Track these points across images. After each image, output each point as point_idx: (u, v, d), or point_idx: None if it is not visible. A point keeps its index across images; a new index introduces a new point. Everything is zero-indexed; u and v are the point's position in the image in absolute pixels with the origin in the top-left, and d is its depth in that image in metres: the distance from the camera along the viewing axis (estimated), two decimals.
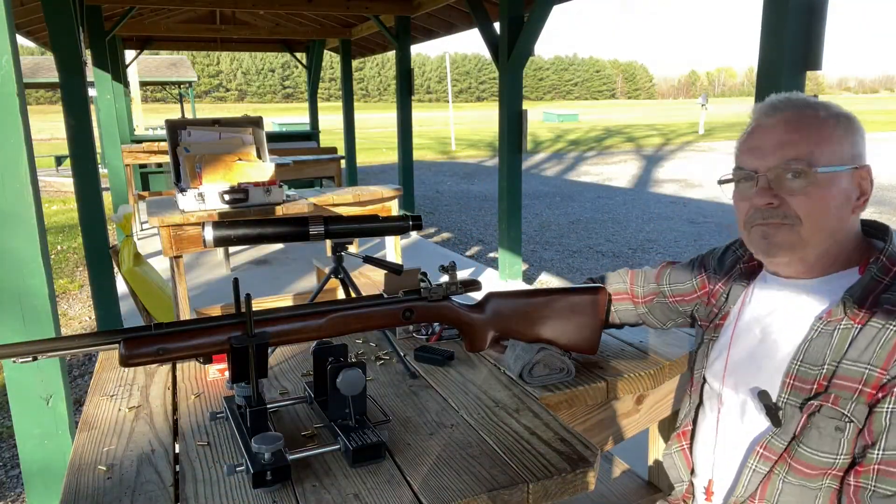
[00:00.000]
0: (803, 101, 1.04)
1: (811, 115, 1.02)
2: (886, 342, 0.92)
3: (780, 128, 1.02)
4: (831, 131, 1.00)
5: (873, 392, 0.92)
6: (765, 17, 2.50)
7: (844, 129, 1.01)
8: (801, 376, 0.99)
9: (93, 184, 3.93)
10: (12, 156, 1.56)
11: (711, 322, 1.23)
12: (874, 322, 0.94)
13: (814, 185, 0.99)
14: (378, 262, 1.31)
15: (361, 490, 0.92)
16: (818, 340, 0.99)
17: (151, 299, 2.93)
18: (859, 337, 0.95)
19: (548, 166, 16.44)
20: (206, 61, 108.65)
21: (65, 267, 6.58)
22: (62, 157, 14.35)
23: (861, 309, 0.96)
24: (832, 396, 0.95)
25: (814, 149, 0.99)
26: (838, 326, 0.97)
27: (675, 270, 1.34)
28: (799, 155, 0.99)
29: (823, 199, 0.99)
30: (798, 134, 1.00)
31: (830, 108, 1.03)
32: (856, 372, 0.94)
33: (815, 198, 0.99)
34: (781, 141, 1.01)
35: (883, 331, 0.93)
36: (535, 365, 1.25)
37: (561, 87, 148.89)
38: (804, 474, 0.98)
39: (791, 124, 1.01)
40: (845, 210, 1.01)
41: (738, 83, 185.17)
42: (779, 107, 1.04)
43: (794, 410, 0.99)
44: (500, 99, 5.10)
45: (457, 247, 7.44)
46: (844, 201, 1.00)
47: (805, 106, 1.03)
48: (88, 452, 1.04)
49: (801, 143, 1.00)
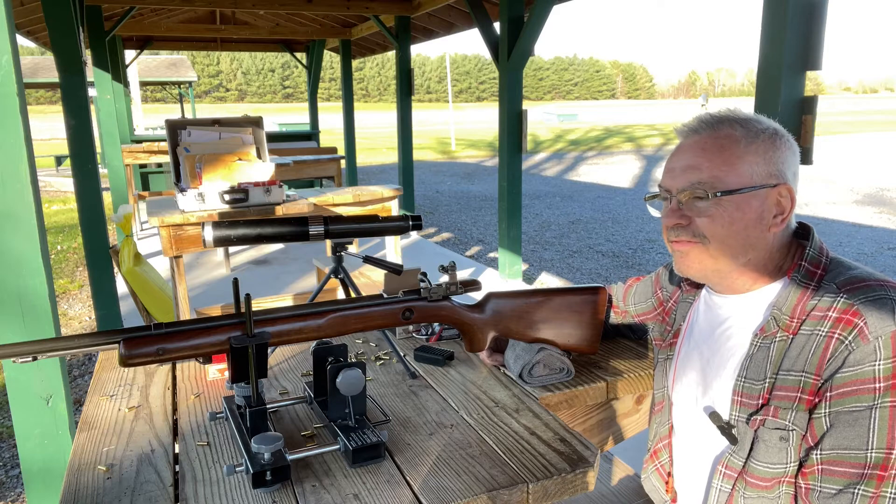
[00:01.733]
0: (727, 118, 1.03)
1: (725, 134, 1.01)
2: (817, 348, 0.93)
3: (692, 151, 1.03)
4: (743, 152, 1.00)
5: (811, 398, 0.94)
6: (765, 18, 2.50)
7: (764, 148, 1.00)
8: (746, 392, 1.01)
9: (93, 184, 3.93)
10: (12, 156, 1.56)
11: (665, 340, 1.24)
12: (804, 329, 0.95)
13: (718, 208, 1.00)
14: (378, 262, 1.31)
15: (361, 490, 0.92)
16: (758, 355, 1.00)
17: (151, 299, 2.93)
18: (792, 346, 0.96)
19: (548, 166, 16.44)
20: (206, 61, 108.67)
21: (65, 267, 6.58)
22: (62, 157, 14.36)
23: (792, 319, 0.97)
24: (772, 408, 0.97)
25: (718, 172, 0.99)
26: (774, 339, 0.99)
27: (638, 289, 1.38)
28: (702, 179, 1.00)
29: (729, 221, 0.99)
30: (706, 157, 1.01)
31: (754, 126, 1.02)
32: (793, 381, 0.95)
33: (719, 219, 1.00)
34: (690, 164, 1.02)
35: (813, 337, 0.94)
36: (534, 365, 1.25)
37: (561, 87, 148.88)
38: (760, 487, 0.99)
39: (701, 147, 1.02)
40: (757, 229, 1.00)
41: (738, 83, 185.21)
42: (696, 128, 1.04)
43: (745, 427, 1.01)
44: (500, 99, 5.10)
45: (457, 247, 7.44)
46: (755, 220, 1.00)
47: (724, 124, 1.02)
48: (88, 452, 1.04)
49: (707, 167, 1.00)
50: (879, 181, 12.11)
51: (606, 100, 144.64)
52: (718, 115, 1.05)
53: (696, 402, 1.11)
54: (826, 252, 1.02)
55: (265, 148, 3.53)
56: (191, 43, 10.99)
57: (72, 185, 4.14)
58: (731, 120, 1.03)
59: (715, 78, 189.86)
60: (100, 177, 4.04)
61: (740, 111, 1.06)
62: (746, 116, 1.04)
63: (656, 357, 1.27)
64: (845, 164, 14.77)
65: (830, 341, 0.92)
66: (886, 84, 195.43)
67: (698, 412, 1.10)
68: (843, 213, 8.90)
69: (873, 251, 6.76)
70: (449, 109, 26.19)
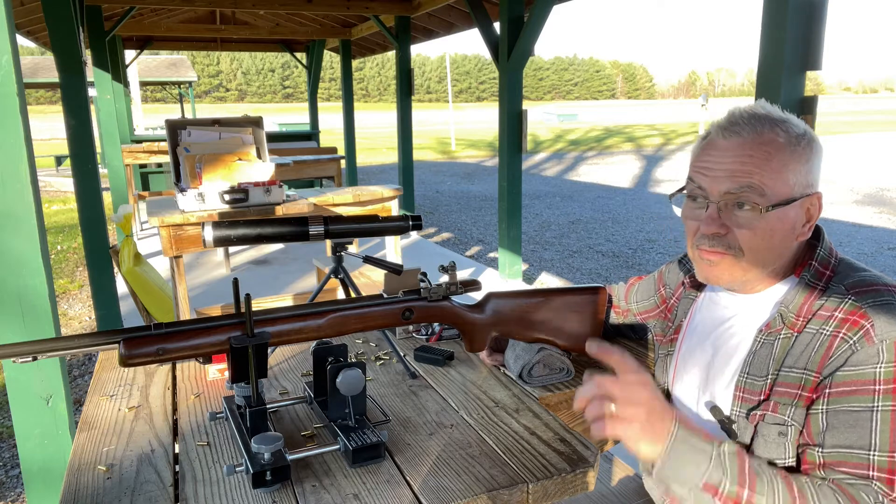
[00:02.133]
0: (766, 119, 0.97)
1: (769, 139, 0.95)
2: (820, 346, 0.93)
3: (736, 151, 0.95)
4: (789, 158, 0.95)
5: (810, 395, 0.93)
6: (765, 18, 2.50)
7: (804, 154, 0.96)
8: (748, 388, 1.00)
9: (93, 184, 3.93)
10: (12, 156, 1.56)
11: (666, 336, 1.24)
12: (809, 328, 0.95)
13: (762, 220, 0.95)
14: (378, 262, 1.31)
15: (361, 490, 0.92)
16: (761, 351, 1.00)
17: (151, 299, 2.93)
18: (796, 344, 0.96)
19: (548, 166, 16.44)
20: (206, 61, 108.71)
21: (65, 267, 6.58)
22: (62, 157, 14.36)
23: (798, 317, 0.97)
24: (772, 403, 0.96)
25: (768, 182, 0.94)
26: (779, 336, 0.98)
27: (640, 288, 1.38)
28: (752, 185, 0.94)
29: (769, 234, 0.96)
30: (754, 164, 0.94)
31: (793, 128, 0.97)
32: (794, 378, 0.95)
33: (760, 232, 0.95)
34: (736, 169, 0.95)
35: (817, 336, 0.94)
36: (534, 365, 1.25)
37: (561, 87, 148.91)
38: None
39: (747, 152, 0.95)
40: (789, 239, 0.98)
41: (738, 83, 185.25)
42: (737, 126, 0.97)
43: (745, 422, 1.00)
44: (500, 99, 5.10)
45: (457, 247, 7.44)
46: (790, 231, 0.97)
47: (766, 127, 0.96)
48: (88, 452, 1.04)
49: (756, 173, 0.94)
50: (879, 181, 12.12)
51: (606, 100, 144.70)
52: (757, 114, 0.98)
53: (697, 398, 1.11)
54: (835, 253, 1.02)
55: (265, 148, 3.53)
56: (191, 43, 10.99)
57: (72, 185, 4.14)
58: (771, 122, 0.96)
59: (715, 78, 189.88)
60: (100, 177, 4.04)
61: (775, 110, 0.99)
62: (782, 117, 0.98)
63: (657, 353, 1.27)
64: (845, 164, 14.78)
65: (835, 340, 0.91)
66: (886, 84, 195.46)
67: (699, 407, 1.10)
68: (843, 213, 8.90)
69: (873, 251, 6.76)
70: (449, 109, 26.19)
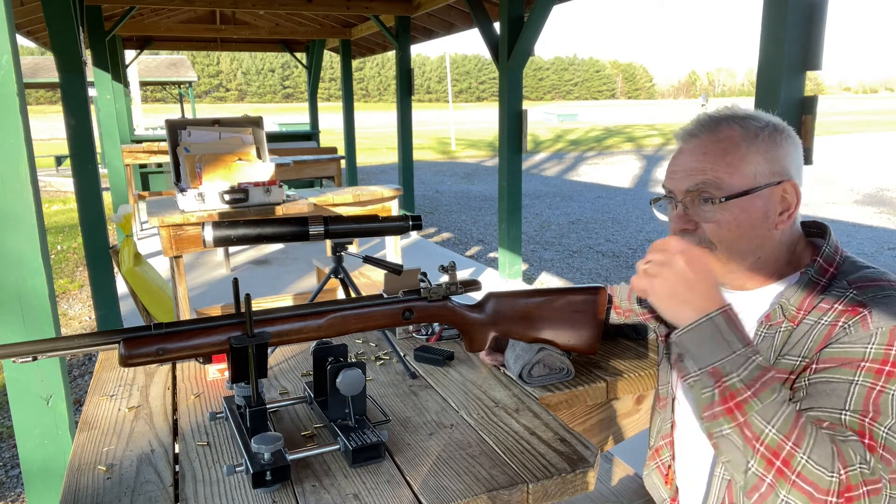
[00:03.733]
0: (725, 118, 1.02)
1: (726, 136, 1.00)
2: (818, 335, 0.94)
3: (693, 153, 1.02)
4: (745, 152, 0.99)
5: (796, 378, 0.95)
6: (765, 18, 2.50)
7: (765, 145, 0.99)
8: None
9: (93, 184, 3.93)
10: (12, 156, 1.56)
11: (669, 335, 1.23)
12: (808, 319, 0.96)
13: (724, 212, 0.99)
14: (378, 262, 1.31)
15: (361, 490, 0.92)
16: (762, 345, 1.01)
17: (151, 299, 2.93)
18: (794, 333, 0.97)
19: (548, 166, 16.44)
20: (206, 61, 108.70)
21: (65, 267, 6.58)
22: (62, 157, 14.36)
23: (799, 311, 0.97)
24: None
25: (722, 174, 0.98)
26: (779, 329, 0.99)
27: None
28: (706, 181, 0.99)
29: (735, 224, 0.99)
30: (708, 160, 1.00)
31: (754, 123, 1.01)
32: (787, 364, 0.96)
33: (725, 224, 0.99)
34: (692, 167, 1.01)
35: (815, 326, 0.95)
36: (534, 365, 1.25)
37: (561, 87, 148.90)
38: None
39: (702, 151, 1.01)
40: (763, 228, 1.00)
41: (738, 83, 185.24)
42: (695, 131, 1.03)
43: None
44: (500, 99, 5.10)
45: (457, 247, 7.43)
46: (761, 220, 0.99)
47: (723, 125, 1.01)
48: (88, 452, 1.04)
49: (710, 169, 0.99)
50: (879, 181, 12.11)
51: (606, 100, 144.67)
52: (717, 115, 1.04)
53: None
54: (841, 251, 1.02)
55: (265, 148, 3.53)
56: (191, 43, 11.00)
57: (72, 185, 4.14)
58: (729, 120, 1.02)
59: (715, 78, 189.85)
60: (100, 177, 4.04)
61: (738, 109, 1.05)
62: (745, 114, 1.03)
63: (661, 354, 1.26)
64: (845, 164, 14.77)
65: (833, 329, 0.92)
66: (886, 84, 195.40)
67: None
68: (843, 213, 8.90)
69: (873, 251, 6.76)
70: (449, 109, 26.19)
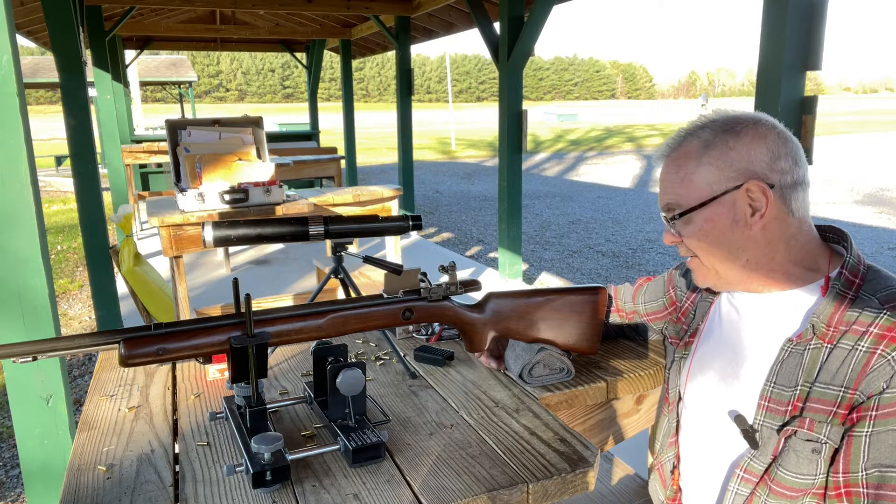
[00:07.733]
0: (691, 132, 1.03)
1: (684, 151, 1.02)
2: (857, 363, 0.91)
3: (664, 174, 1.06)
4: (696, 165, 1.00)
5: (845, 413, 0.92)
6: (765, 18, 2.50)
7: (717, 154, 0.98)
8: (775, 398, 0.99)
9: (93, 184, 3.93)
10: (12, 156, 1.56)
11: (681, 340, 1.23)
12: (844, 343, 0.93)
13: (689, 226, 1.03)
14: (378, 262, 1.31)
15: (361, 490, 0.92)
16: (789, 361, 0.98)
17: (151, 299, 2.93)
18: (830, 358, 0.94)
19: (548, 166, 16.44)
20: (206, 61, 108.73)
21: (65, 267, 6.58)
22: (62, 157, 14.36)
23: (829, 327, 0.95)
24: (807, 421, 0.94)
25: (678, 192, 1.02)
26: (808, 346, 0.96)
27: (649, 289, 1.37)
28: (668, 201, 1.04)
29: (704, 234, 1.02)
30: (668, 180, 1.04)
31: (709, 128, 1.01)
32: (830, 395, 0.93)
33: (695, 236, 1.03)
34: (662, 188, 1.06)
35: (853, 352, 0.92)
36: (534, 365, 1.25)
37: (561, 87, 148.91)
38: (784, 496, 0.97)
39: (667, 169, 1.05)
40: (736, 232, 0.99)
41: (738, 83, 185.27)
42: (664, 150, 1.06)
43: (770, 432, 0.99)
44: (500, 99, 5.10)
45: (457, 247, 7.44)
46: (730, 226, 0.99)
47: (686, 139, 1.03)
48: (88, 452, 1.04)
49: (669, 190, 1.03)
50: (879, 181, 12.11)
51: (606, 100, 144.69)
52: (686, 129, 1.05)
53: (712, 402, 1.09)
54: (863, 260, 1.00)
55: (265, 148, 3.54)
56: (191, 43, 10.99)
57: (72, 185, 4.14)
58: (696, 132, 1.02)
59: (715, 78, 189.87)
60: (100, 177, 4.04)
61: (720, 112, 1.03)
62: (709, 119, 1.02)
63: (672, 356, 1.25)
64: (845, 164, 14.76)
65: (872, 357, 0.89)
66: (886, 84, 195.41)
67: (714, 412, 1.09)
68: (843, 213, 8.90)
69: (873, 251, 6.76)
70: (449, 109, 26.18)
